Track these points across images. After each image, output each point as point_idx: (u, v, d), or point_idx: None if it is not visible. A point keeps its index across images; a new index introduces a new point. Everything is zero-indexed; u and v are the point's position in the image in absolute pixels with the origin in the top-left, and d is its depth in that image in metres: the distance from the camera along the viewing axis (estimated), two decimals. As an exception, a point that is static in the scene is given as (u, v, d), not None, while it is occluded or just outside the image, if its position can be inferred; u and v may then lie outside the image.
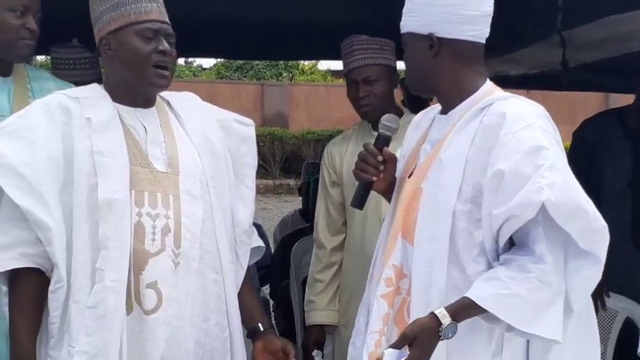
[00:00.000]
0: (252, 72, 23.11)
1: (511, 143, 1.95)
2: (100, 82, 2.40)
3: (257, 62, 20.79)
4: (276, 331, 2.47)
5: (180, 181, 2.26)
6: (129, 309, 2.15)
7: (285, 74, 23.53)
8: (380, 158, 2.22)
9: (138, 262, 2.16)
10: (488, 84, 2.17)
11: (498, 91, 2.14)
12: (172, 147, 2.30)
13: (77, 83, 2.90)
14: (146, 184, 2.22)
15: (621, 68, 4.54)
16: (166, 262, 2.19)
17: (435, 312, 1.90)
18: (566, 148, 3.93)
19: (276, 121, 18.70)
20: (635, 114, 3.71)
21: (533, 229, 1.93)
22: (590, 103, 19.75)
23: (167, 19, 2.25)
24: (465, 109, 2.10)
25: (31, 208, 2.11)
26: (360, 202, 2.27)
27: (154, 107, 2.34)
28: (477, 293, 1.90)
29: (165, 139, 2.30)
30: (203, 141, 2.36)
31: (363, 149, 2.24)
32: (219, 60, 22.14)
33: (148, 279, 2.16)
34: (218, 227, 2.32)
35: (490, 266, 1.97)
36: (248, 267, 2.46)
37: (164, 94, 2.40)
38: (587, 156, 3.78)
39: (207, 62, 24.37)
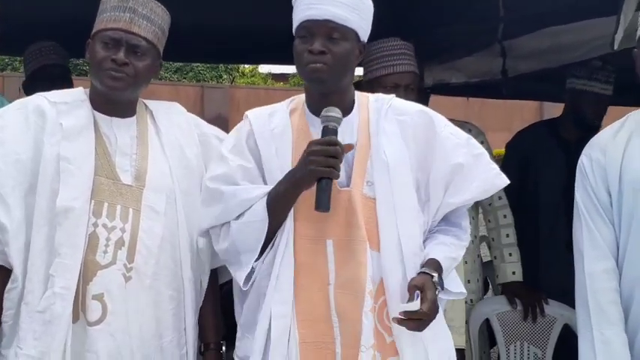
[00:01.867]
0: (191, 73, 22.91)
1: (451, 139, 2.19)
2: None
3: (197, 64, 20.62)
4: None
5: (143, 196, 2.25)
6: (75, 317, 2.14)
7: (225, 76, 23.40)
8: (339, 149, 2.03)
9: (87, 273, 2.16)
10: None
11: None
12: (143, 159, 2.29)
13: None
14: (107, 195, 2.21)
15: (558, 77, 4.62)
16: (115, 276, 2.17)
17: (423, 270, 2.09)
18: (500, 155, 3.99)
19: (216, 123, 18.24)
20: (567, 124, 3.77)
21: (461, 207, 2.25)
22: (525, 110, 20.17)
23: (140, 32, 2.23)
24: (360, 111, 2.19)
25: None
26: (327, 202, 2.03)
27: (134, 117, 2.32)
28: (439, 255, 2.14)
29: (137, 151, 2.29)
30: (178, 155, 2.34)
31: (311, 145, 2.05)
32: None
33: (94, 290, 2.16)
34: (182, 244, 2.29)
35: None
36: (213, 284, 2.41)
37: (150, 104, 2.39)
38: (521, 166, 3.83)
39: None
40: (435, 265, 2.12)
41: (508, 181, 2.25)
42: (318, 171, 2.01)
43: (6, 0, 2.55)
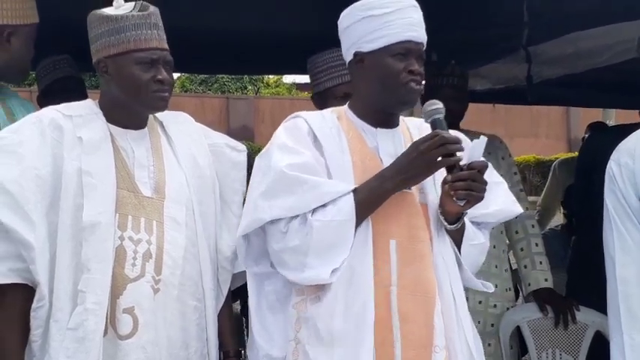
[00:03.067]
0: (216, 85, 23.02)
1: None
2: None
3: (221, 75, 20.73)
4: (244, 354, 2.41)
5: (164, 207, 2.25)
6: (104, 332, 2.13)
7: (250, 87, 23.49)
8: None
9: (116, 287, 2.15)
10: None
11: None
12: (160, 171, 2.29)
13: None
14: (130, 209, 2.21)
15: (584, 83, 4.59)
16: (145, 288, 2.17)
17: None
18: (524, 161, 3.96)
19: (242, 134, 18.64)
20: None
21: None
22: (552, 116, 20.05)
23: (166, 46, 2.24)
24: (401, 125, 2.26)
25: (14, 225, 2.10)
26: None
27: (146, 129, 2.33)
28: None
29: (154, 163, 2.29)
30: (192, 165, 2.34)
31: (434, 135, 2.07)
32: (182, 73, 22.03)
33: (125, 304, 2.15)
34: (202, 254, 2.30)
35: None
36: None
37: (158, 114, 2.39)
38: (587, 170, 3.79)
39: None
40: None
41: (522, 210, 2.40)
42: (449, 160, 2.06)
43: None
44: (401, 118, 2.30)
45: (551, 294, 3.46)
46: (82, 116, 2.24)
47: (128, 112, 2.27)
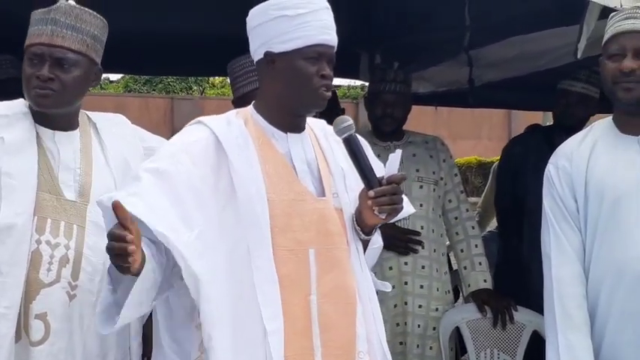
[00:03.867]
0: (161, 85, 22.81)
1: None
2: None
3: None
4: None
5: (88, 212, 2.19)
6: (17, 337, 2.08)
7: (195, 88, 23.32)
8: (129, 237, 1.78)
9: (29, 291, 2.09)
10: None
11: None
12: (87, 174, 2.23)
13: None
14: (51, 211, 2.15)
15: (524, 86, 4.67)
16: (59, 294, 2.12)
17: None
18: (466, 163, 4.03)
19: (186, 135, 18.44)
20: (557, 130, 3.79)
21: None
22: (494, 118, 20.36)
23: (64, 43, 2.14)
24: (308, 129, 2.21)
25: None
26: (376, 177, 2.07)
27: (77, 130, 2.27)
28: None
29: (81, 166, 2.23)
30: (123, 169, 2.28)
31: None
32: (126, 74, 21.76)
33: (37, 309, 2.10)
34: None
35: None
36: None
37: (93, 116, 2.33)
38: (513, 173, 3.86)
39: (115, 75, 23.89)
40: None
41: (414, 210, 2.34)
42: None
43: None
44: (307, 120, 2.25)
45: (490, 294, 3.49)
46: (7, 116, 2.18)
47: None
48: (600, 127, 2.44)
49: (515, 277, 3.70)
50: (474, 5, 3.28)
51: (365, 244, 2.21)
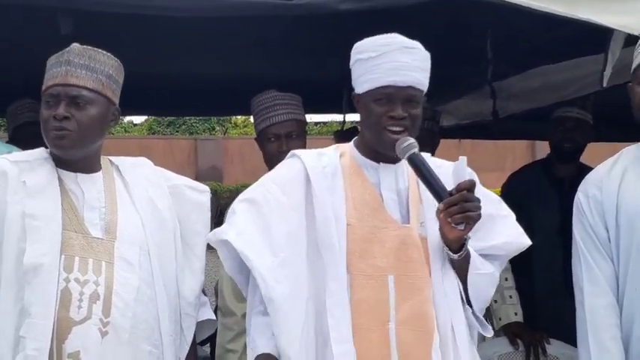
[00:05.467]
0: (184, 127, 23.03)
1: (486, 194, 2.26)
2: None
3: (189, 117, 20.75)
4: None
5: (115, 248, 2.18)
6: None
7: (218, 128, 23.50)
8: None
9: (61, 331, 2.07)
10: None
11: None
12: (112, 212, 2.23)
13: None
14: (78, 250, 2.14)
15: (548, 116, 4.63)
16: (92, 331, 2.10)
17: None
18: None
19: (211, 175, 18.58)
20: (557, 162, 3.78)
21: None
22: (517, 150, 20.25)
23: (78, 82, 2.16)
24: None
25: None
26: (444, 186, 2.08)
27: (100, 172, 2.27)
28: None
29: (106, 205, 2.23)
30: (149, 208, 2.28)
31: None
32: (150, 115, 21.99)
33: (70, 348, 2.08)
34: (159, 297, 2.22)
35: None
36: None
37: (115, 159, 2.35)
38: (515, 207, 3.81)
39: (139, 118, 24.15)
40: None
41: (530, 242, 2.30)
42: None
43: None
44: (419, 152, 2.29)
45: (522, 328, 3.46)
46: (29, 162, 2.19)
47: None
48: (630, 154, 2.41)
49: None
50: (495, 37, 3.27)
51: (460, 268, 2.15)
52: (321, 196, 2.15)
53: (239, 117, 22.57)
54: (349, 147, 2.28)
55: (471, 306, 2.19)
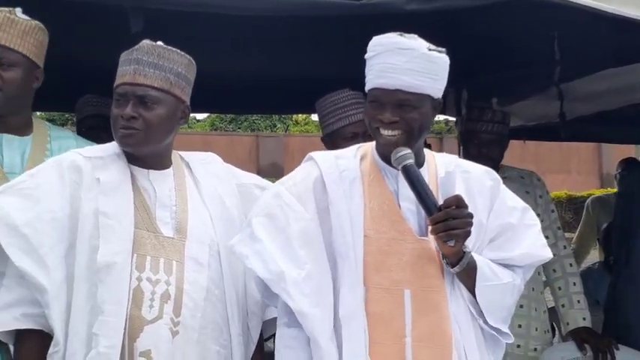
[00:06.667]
0: (246, 123, 23.22)
1: (511, 201, 2.24)
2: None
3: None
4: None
5: (186, 247, 2.20)
6: None
7: (279, 125, 23.64)
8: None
9: (133, 329, 2.09)
10: None
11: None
12: (183, 211, 2.24)
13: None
14: (149, 249, 2.16)
15: (617, 119, 4.54)
16: (163, 331, 2.11)
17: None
18: (556, 197, 3.93)
19: (272, 172, 18.71)
20: None
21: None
22: (582, 152, 19.90)
23: (146, 81, 2.17)
24: (429, 167, 2.18)
25: (28, 269, 2.07)
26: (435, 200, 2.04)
27: (171, 169, 2.29)
28: (479, 258, 2.11)
29: (177, 203, 2.25)
30: (218, 206, 2.30)
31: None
32: (212, 113, 22.22)
33: (141, 347, 2.09)
34: (228, 296, 2.23)
35: None
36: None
37: (185, 155, 2.36)
38: (627, 199, 3.76)
39: (201, 114, 24.45)
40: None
41: (551, 255, 2.28)
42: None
43: (55, 54, 2.59)
44: (431, 154, 2.25)
45: (590, 333, 3.42)
46: (102, 158, 2.22)
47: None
48: None
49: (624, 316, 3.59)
50: (563, 39, 3.20)
51: (465, 279, 2.10)
52: (338, 204, 2.09)
53: (300, 115, 22.67)
54: (371, 148, 2.21)
55: (483, 317, 2.12)
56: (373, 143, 2.21)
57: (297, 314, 2.02)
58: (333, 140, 2.99)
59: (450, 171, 2.13)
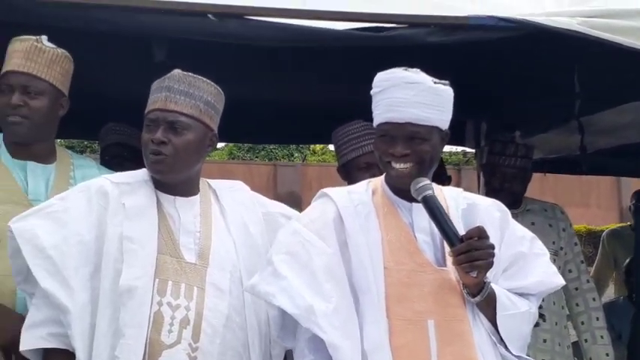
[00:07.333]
0: (263, 152, 23.27)
1: (520, 231, 2.26)
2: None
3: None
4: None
5: (207, 274, 2.21)
6: None
7: (296, 154, 23.68)
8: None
9: (152, 353, 2.11)
10: None
11: None
12: (207, 238, 2.26)
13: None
14: (171, 274, 2.18)
15: (638, 153, 4.51)
16: (181, 356, 2.12)
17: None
18: (575, 231, 3.90)
19: (289, 201, 18.50)
20: None
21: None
22: (602, 185, 19.75)
23: (176, 108, 2.20)
24: (440, 197, 2.16)
25: (52, 290, 2.11)
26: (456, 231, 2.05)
27: (197, 196, 2.32)
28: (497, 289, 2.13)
29: (201, 229, 2.26)
30: (243, 233, 2.31)
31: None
32: (230, 142, 22.31)
33: None
34: (250, 324, 2.23)
35: None
36: None
37: (213, 183, 2.39)
38: None
39: (219, 143, 24.55)
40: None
41: (564, 282, 2.31)
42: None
43: (81, 83, 2.62)
44: (440, 188, 2.26)
45: None
46: (129, 184, 2.25)
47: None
48: None
49: None
50: (583, 72, 3.20)
51: (485, 309, 2.10)
52: (356, 237, 2.11)
53: (317, 145, 22.72)
54: (380, 183, 2.23)
55: (504, 345, 2.13)
56: (382, 177, 2.24)
57: (329, 347, 1.99)
58: (348, 170, 3.00)
59: (470, 203, 2.15)
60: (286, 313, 2.07)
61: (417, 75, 2.10)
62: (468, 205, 2.12)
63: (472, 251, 1.99)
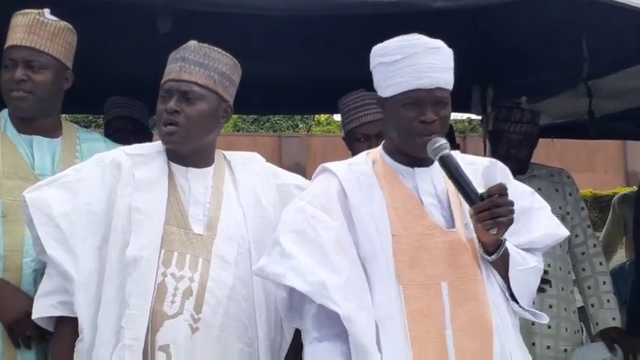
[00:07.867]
0: (268, 124, 23.22)
1: (520, 186, 2.27)
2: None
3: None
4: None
5: (214, 245, 2.22)
6: None
7: (301, 125, 23.63)
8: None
9: (154, 323, 2.13)
10: None
11: None
12: (216, 209, 2.27)
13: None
14: (177, 245, 2.19)
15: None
16: (182, 326, 2.14)
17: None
18: (585, 196, 3.89)
19: (295, 172, 18.63)
20: None
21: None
22: (609, 150, 19.70)
23: (190, 78, 2.22)
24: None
25: (58, 258, 2.15)
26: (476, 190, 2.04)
27: (211, 167, 2.32)
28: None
29: (211, 201, 2.27)
30: (254, 204, 2.31)
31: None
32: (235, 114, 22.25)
33: (161, 341, 2.13)
34: (257, 295, 2.24)
35: None
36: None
37: (228, 154, 2.40)
38: None
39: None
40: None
41: (568, 233, 2.35)
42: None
43: (86, 57, 2.60)
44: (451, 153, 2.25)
45: (620, 333, 3.37)
46: (143, 155, 2.27)
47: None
48: None
49: None
50: (592, 36, 3.16)
51: (499, 266, 2.11)
52: (360, 208, 2.10)
53: (322, 115, 22.66)
54: (379, 153, 2.23)
55: (516, 301, 2.15)
56: (380, 147, 2.24)
57: (344, 320, 1.99)
58: (350, 140, 3.01)
59: (469, 162, 2.18)
60: (293, 294, 2.08)
61: (437, 41, 2.12)
62: (490, 163, 2.13)
63: (494, 208, 1.99)
